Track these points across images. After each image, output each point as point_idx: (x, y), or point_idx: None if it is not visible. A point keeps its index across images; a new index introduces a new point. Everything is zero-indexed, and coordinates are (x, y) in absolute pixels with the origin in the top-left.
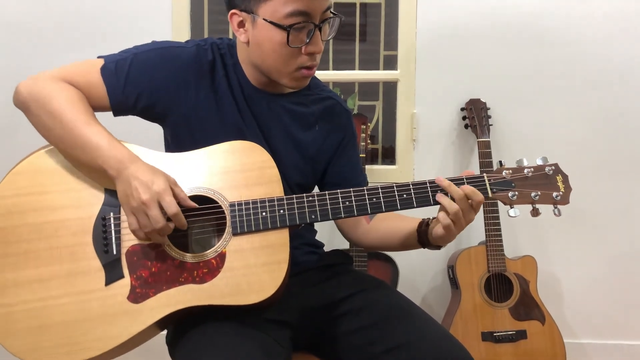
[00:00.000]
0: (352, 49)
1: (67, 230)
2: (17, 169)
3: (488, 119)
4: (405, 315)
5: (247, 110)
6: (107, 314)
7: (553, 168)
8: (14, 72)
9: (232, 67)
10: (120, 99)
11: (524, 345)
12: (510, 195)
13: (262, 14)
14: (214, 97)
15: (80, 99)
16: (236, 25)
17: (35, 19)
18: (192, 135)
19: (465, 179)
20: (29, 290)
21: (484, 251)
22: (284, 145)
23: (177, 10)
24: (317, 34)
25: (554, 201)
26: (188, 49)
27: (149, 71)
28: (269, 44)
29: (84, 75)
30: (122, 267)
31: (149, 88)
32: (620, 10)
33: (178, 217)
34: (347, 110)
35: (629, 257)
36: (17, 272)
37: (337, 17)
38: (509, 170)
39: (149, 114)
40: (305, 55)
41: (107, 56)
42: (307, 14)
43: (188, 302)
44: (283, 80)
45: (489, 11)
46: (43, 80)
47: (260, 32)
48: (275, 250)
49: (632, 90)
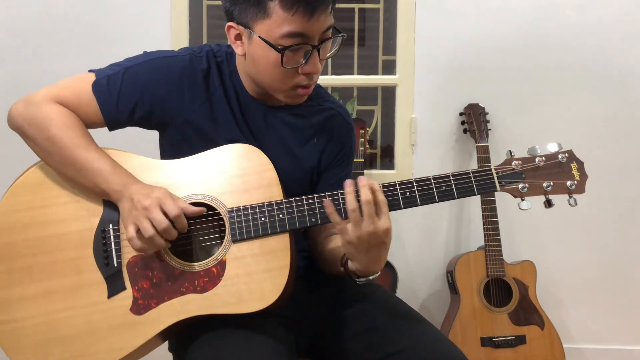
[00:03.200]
0: (350, 54)
1: (68, 243)
2: (17, 184)
3: (487, 123)
4: (405, 320)
5: (242, 120)
6: (110, 327)
7: (567, 155)
8: (12, 76)
9: (228, 75)
10: (114, 114)
11: (523, 351)
12: (521, 188)
13: (258, 31)
14: (209, 106)
15: (76, 122)
16: (233, 38)
17: (33, 24)
18: (188, 143)
19: (472, 172)
20: (34, 305)
21: (483, 256)
22: (280, 158)
23: (176, 16)
24: (314, 55)
25: (569, 191)
26: (181, 57)
27: (141, 84)
28: (264, 62)
29: (75, 94)
30: (124, 279)
31: (142, 101)
32: (618, 15)
33: (180, 219)
34: (348, 122)
35: (628, 262)
36: (23, 287)
37: (340, 35)
38: (518, 161)
39: (145, 125)
40: (302, 75)
41: (99, 71)
42: (304, 35)
43: (190, 312)
44: (279, 97)
45: (487, 17)
46: (36, 104)
47: (255, 48)
48: (276, 256)
49: (630, 95)
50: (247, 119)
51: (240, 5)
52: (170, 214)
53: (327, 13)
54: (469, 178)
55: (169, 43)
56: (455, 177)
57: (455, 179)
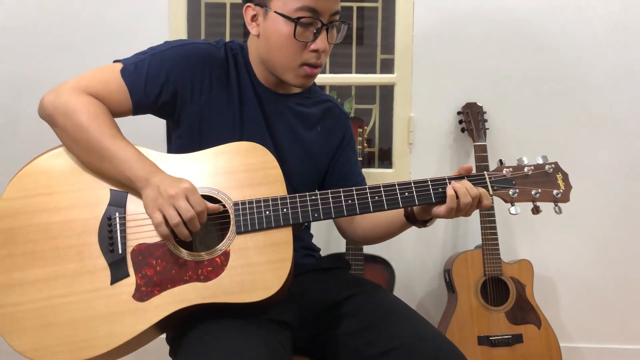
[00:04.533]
0: (349, 53)
1: (73, 230)
2: (24, 171)
3: (484, 122)
4: (402, 317)
5: (256, 109)
6: (112, 312)
7: (553, 166)
8: (10, 75)
9: (243, 66)
10: (142, 96)
11: (520, 349)
12: (511, 193)
13: (274, 7)
14: (226, 93)
15: (104, 111)
16: (249, 19)
17: (31, 22)
18: (202, 129)
19: (467, 177)
20: (35, 290)
21: (480, 255)
22: (290, 144)
23: (174, 14)
24: (323, 33)
25: (555, 199)
26: (202, 45)
27: (167, 69)
28: (276, 37)
29: (104, 83)
30: (128, 266)
31: (167, 85)
32: (616, 14)
33: (203, 215)
34: (344, 112)
35: (625, 261)
36: (24, 272)
37: (345, 23)
38: (509, 169)
39: (166, 110)
40: (310, 52)
41: (125, 59)
42: (315, 10)
43: (193, 300)
44: (287, 76)
45: (485, 15)
46: (66, 94)
47: (270, 24)
48: (279, 249)
49: (627, 94)
50: (261, 107)
51: None
52: (196, 208)
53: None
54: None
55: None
56: (452, 181)
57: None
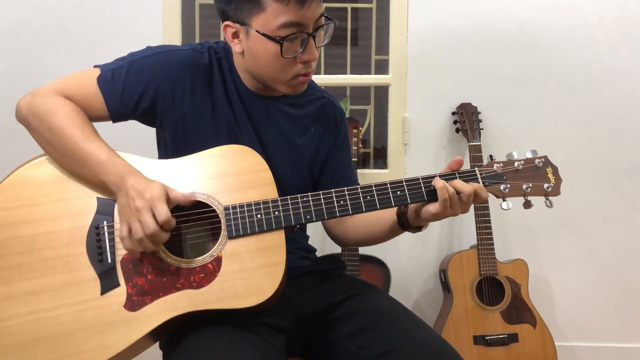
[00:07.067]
0: (343, 54)
1: (60, 241)
2: (6, 182)
3: (479, 123)
4: (398, 319)
5: (242, 114)
6: (103, 323)
7: (543, 160)
8: (5, 75)
9: (228, 71)
10: (118, 106)
11: (515, 349)
12: (502, 188)
13: (255, 26)
14: (210, 100)
15: (78, 113)
16: (230, 37)
17: (25, 23)
18: (187, 137)
19: (457, 174)
20: (22, 304)
21: (476, 255)
22: (280, 150)
23: (169, 15)
24: (311, 43)
25: (546, 192)
26: (184, 51)
27: (146, 76)
28: (263, 55)
29: (80, 88)
30: (118, 276)
31: (146, 93)
32: (610, 15)
33: (168, 224)
34: (339, 109)
35: (619, 260)
36: (10, 286)
37: (332, 22)
38: (499, 164)
39: (147, 117)
40: (301, 64)
41: (103, 65)
42: (299, 24)
43: (185, 308)
44: (280, 88)
45: (479, 16)
46: (42, 96)
47: (254, 43)
48: (272, 252)
49: (621, 94)
50: (247, 112)
51: (235, 3)
52: (159, 219)
53: (317, 0)
54: (455, 178)
55: (160, 42)
56: (443, 177)
57: (443, 178)
